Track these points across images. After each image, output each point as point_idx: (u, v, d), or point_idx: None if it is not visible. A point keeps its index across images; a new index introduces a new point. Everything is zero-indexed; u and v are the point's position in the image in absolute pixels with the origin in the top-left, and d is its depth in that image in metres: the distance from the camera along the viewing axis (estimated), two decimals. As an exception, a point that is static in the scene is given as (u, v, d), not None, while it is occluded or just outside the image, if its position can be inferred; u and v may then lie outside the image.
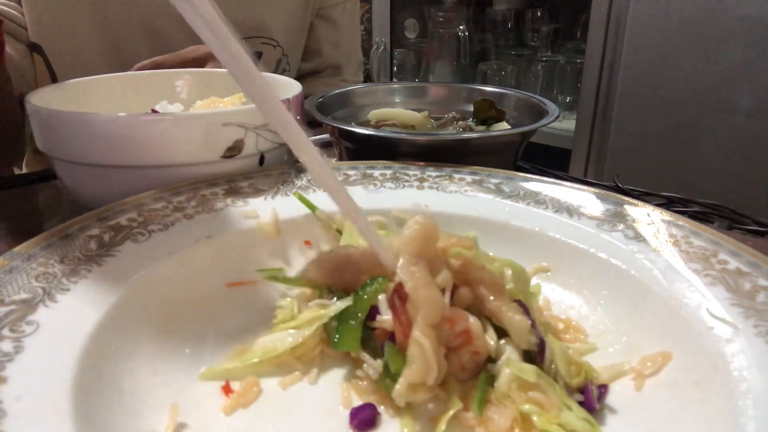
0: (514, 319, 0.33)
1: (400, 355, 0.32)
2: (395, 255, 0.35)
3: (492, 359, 0.33)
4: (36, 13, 0.92)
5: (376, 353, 0.34)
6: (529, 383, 0.31)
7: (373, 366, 0.33)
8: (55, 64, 0.93)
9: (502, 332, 0.34)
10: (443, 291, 0.33)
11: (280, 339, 0.36)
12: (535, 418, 0.30)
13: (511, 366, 0.32)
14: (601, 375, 0.34)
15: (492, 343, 0.33)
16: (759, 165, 1.42)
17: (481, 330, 0.33)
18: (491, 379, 0.32)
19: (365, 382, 0.34)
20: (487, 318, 0.35)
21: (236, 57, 0.30)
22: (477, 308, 0.35)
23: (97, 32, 0.94)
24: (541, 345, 0.33)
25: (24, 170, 1.06)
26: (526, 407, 0.30)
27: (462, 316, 0.33)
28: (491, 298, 0.34)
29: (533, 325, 0.34)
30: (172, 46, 0.78)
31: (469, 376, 0.33)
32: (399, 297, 0.33)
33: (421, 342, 0.31)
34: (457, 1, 2.24)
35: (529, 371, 0.31)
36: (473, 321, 0.33)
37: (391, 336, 0.33)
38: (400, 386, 0.31)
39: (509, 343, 0.34)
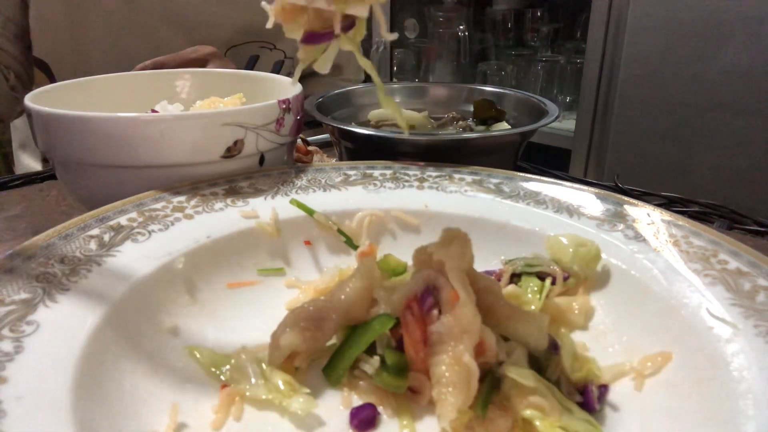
0: (530, 316, 0.33)
1: (400, 356, 0.32)
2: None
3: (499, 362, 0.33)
4: (43, 27, 0.91)
5: (372, 350, 0.34)
6: (529, 388, 0.31)
7: (369, 362, 0.33)
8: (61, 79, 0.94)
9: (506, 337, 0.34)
10: None
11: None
12: (537, 423, 0.30)
13: (510, 371, 0.32)
14: (602, 375, 0.34)
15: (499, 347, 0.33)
16: (759, 165, 1.42)
17: (494, 341, 0.33)
18: (497, 382, 0.32)
19: (365, 382, 0.34)
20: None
21: None
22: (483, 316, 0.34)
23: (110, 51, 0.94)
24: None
25: (20, 170, 1.05)
26: (528, 412, 0.30)
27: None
28: (499, 304, 0.34)
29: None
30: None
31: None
32: (419, 311, 0.32)
33: (472, 368, 0.30)
34: (457, 1, 2.24)
35: (527, 376, 0.31)
36: (488, 333, 0.33)
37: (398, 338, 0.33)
38: (448, 413, 0.30)
39: (515, 347, 0.33)
